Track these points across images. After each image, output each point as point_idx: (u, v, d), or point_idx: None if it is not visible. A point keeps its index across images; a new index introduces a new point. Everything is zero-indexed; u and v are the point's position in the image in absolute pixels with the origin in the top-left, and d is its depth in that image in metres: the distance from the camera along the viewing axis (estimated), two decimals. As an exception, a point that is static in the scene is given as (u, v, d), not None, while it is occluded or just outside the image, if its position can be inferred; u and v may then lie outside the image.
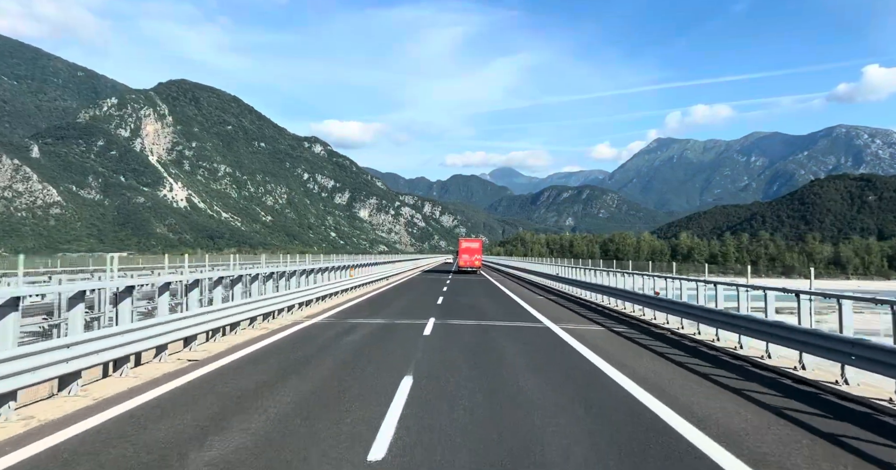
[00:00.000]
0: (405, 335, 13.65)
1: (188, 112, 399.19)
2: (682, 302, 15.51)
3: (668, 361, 10.84)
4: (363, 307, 20.71)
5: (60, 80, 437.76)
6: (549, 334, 14.25)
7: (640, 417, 6.92)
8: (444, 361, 10.38)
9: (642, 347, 12.42)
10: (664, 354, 11.60)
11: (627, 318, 18.38)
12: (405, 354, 10.96)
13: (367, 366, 9.86)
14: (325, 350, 11.51)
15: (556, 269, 37.07)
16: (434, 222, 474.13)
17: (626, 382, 8.76)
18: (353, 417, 6.65)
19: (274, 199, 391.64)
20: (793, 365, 10.13)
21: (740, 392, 8.30)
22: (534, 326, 16.04)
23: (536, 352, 11.74)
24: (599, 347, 12.24)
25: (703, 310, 13.49)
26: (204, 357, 10.38)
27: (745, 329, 11.32)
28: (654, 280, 20.14)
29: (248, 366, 9.70)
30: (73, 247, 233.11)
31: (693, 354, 11.69)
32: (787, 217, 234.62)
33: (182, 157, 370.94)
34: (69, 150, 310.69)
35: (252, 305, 13.83)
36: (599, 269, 27.62)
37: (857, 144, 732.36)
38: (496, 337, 13.63)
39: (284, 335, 13.37)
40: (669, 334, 14.53)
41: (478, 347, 12.21)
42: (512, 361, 10.62)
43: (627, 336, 14.13)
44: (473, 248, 55.86)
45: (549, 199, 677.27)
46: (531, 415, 6.90)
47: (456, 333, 14.21)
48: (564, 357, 11.07)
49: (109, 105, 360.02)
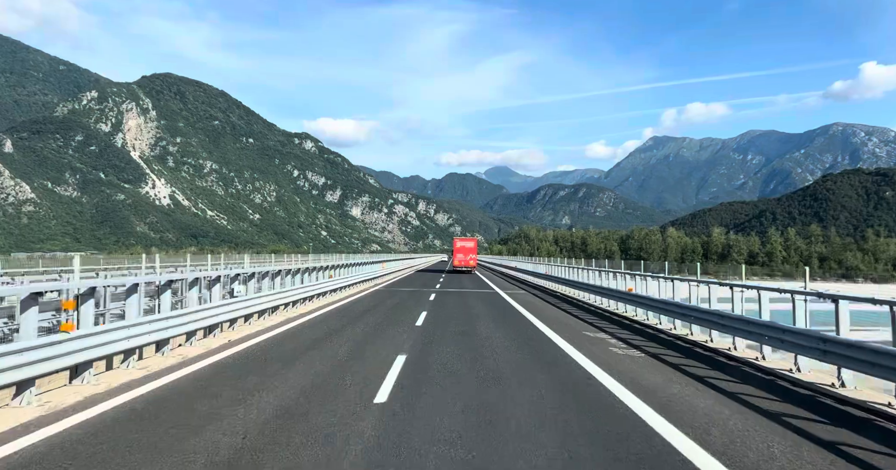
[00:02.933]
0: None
1: (173, 106, 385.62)
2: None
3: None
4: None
5: (41, 73, 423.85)
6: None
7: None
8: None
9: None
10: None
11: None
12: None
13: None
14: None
15: (603, 279, 25.20)
16: (428, 221, 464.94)
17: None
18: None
19: (262, 197, 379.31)
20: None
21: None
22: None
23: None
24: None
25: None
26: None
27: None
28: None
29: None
30: (46, 246, 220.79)
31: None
32: (798, 214, 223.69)
33: (166, 152, 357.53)
34: (45, 146, 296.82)
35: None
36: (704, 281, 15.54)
37: (854, 142, 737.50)
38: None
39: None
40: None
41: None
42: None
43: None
44: (468, 247, 55.68)
45: (546, 198, 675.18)
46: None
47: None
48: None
49: (89, 98, 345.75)
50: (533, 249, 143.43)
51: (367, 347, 11.65)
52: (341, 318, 17.01)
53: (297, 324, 15.46)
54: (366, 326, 15.14)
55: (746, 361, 10.62)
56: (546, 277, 35.72)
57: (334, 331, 14.15)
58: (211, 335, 12.40)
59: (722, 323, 11.60)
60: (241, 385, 8.24)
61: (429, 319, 16.56)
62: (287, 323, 15.48)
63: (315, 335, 13.42)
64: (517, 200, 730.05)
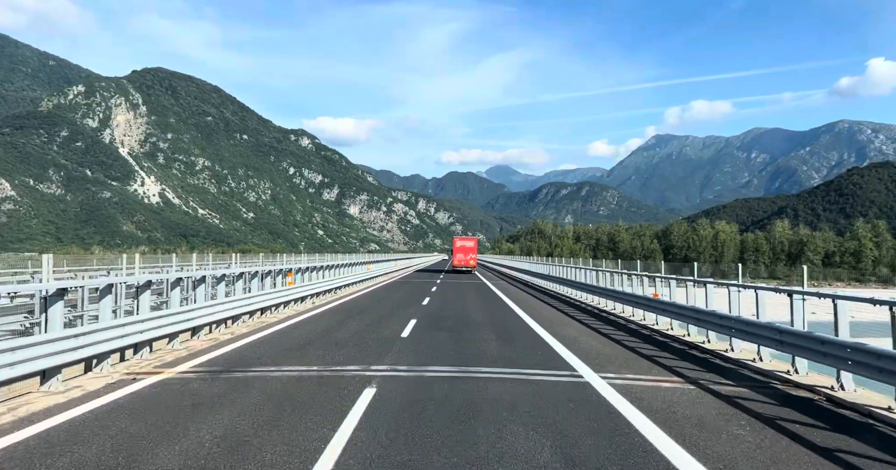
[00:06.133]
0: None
1: (164, 101, 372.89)
2: None
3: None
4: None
5: (29, 68, 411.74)
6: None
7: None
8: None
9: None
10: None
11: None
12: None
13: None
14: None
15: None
16: (429, 219, 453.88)
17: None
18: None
19: (257, 195, 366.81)
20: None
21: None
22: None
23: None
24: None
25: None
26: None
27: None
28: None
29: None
30: (26, 246, 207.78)
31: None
32: (822, 210, 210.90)
33: (156, 149, 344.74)
34: (28, 141, 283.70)
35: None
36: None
37: (861, 140, 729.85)
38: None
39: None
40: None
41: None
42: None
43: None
44: (468, 247, 55.03)
45: (548, 197, 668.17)
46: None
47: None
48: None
49: (76, 93, 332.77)
50: (551, 248, 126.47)
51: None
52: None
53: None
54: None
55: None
56: (613, 296, 20.27)
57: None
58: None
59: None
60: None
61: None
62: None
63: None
64: (519, 199, 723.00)
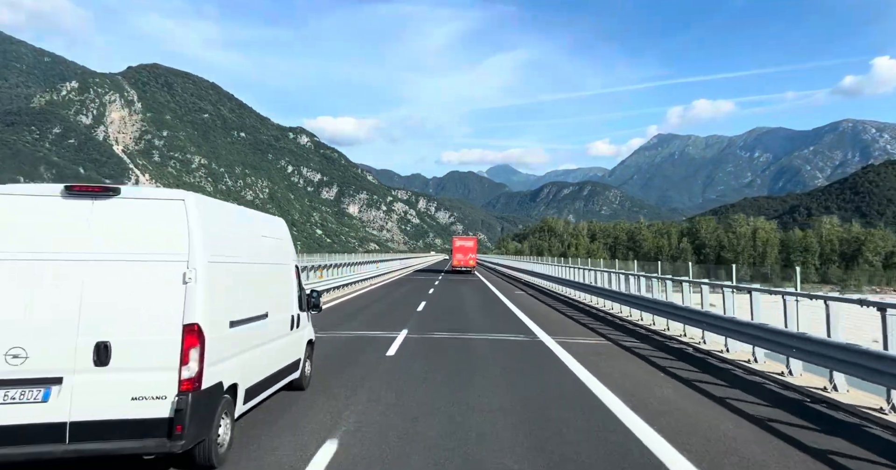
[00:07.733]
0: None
1: (160, 98, 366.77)
2: None
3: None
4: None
5: (24, 65, 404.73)
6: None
7: None
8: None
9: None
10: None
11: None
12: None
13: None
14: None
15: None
16: (429, 219, 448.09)
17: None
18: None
19: (254, 194, 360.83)
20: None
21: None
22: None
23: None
24: None
25: None
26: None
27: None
28: None
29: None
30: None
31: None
32: (837, 208, 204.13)
33: (151, 146, 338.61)
34: (19, 138, 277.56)
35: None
36: None
37: (865, 139, 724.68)
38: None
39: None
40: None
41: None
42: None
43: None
44: (468, 247, 55.26)
45: (549, 196, 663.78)
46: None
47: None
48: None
49: (69, 89, 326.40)
50: (564, 247, 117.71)
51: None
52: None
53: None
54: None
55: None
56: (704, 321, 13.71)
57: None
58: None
59: None
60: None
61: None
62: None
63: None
64: (520, 199, 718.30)
